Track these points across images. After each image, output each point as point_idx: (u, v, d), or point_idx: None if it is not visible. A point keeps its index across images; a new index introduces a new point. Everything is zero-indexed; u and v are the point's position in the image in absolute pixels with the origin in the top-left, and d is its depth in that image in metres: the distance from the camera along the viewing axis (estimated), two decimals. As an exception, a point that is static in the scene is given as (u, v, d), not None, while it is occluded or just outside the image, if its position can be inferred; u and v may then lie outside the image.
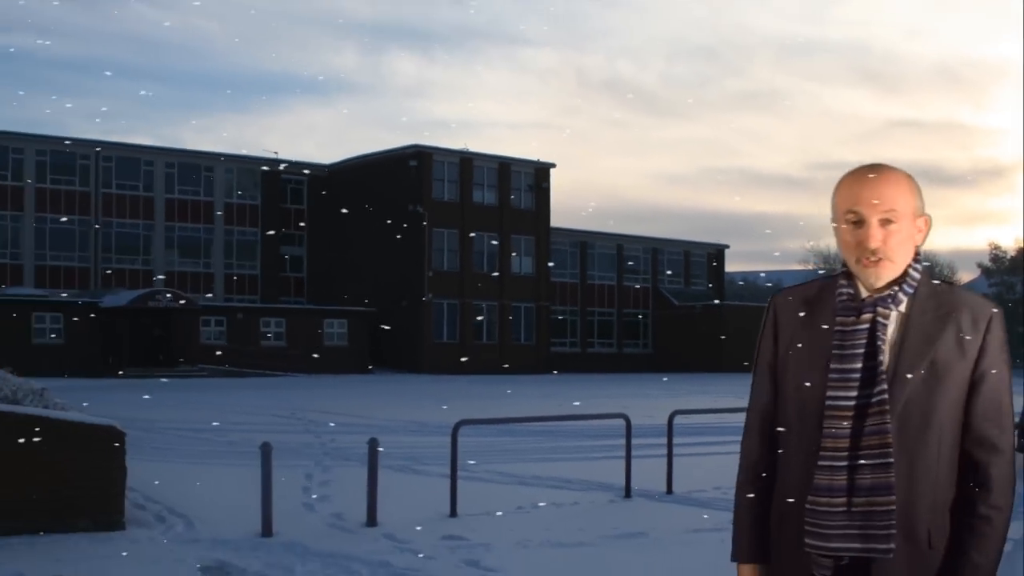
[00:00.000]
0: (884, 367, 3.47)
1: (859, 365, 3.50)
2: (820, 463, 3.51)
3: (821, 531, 3.48)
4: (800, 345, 3.65)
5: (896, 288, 3.54)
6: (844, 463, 3.47)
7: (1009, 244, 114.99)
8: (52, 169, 74.19)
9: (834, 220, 3.62)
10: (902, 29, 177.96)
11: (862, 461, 3.45)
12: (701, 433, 24.47)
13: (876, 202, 3.48)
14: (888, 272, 3.50)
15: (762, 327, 3.83)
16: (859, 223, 3.50)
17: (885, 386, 3.44)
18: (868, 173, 3.55)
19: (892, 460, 3.41)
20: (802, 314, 3.69)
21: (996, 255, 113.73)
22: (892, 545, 3.40)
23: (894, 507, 3.40)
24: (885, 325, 3.52)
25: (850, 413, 3.47)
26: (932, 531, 3.47)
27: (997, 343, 3.54)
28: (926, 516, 3.46)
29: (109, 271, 75.09)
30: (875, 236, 3.47)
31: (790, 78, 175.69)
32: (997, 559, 3.50)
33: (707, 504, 15.51)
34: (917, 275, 3.57)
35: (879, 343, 3.50)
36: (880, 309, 3.52)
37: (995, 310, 3.58)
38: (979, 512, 3.46)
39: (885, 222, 3.48)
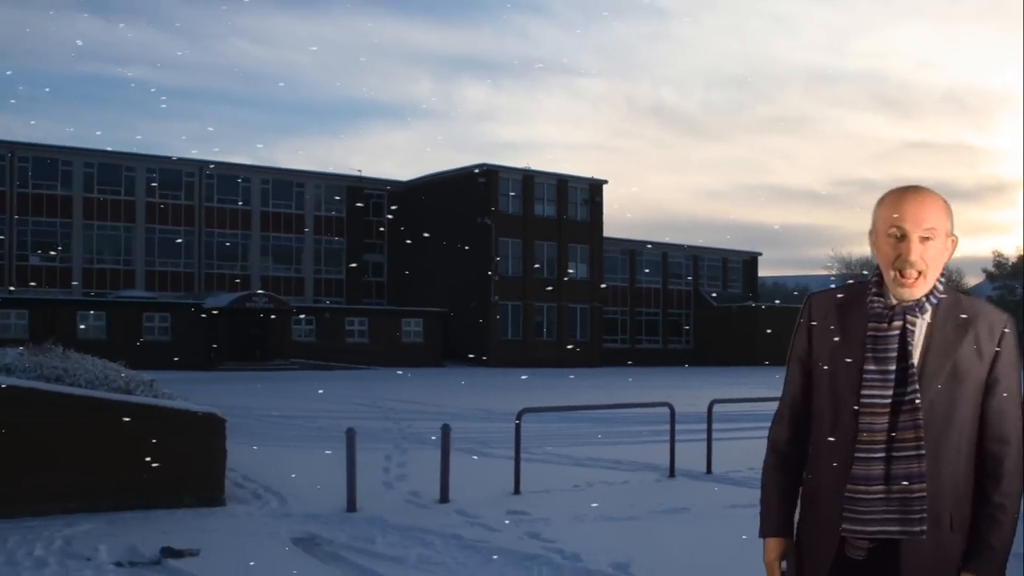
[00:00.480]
0: (915, 369, 3.52)
1: (893, 367, 3.55)
2: (857, 455, 3.57)
3: (859, 516, 3.55)
4: (834, 346, 3.70)
5: (923, 298, 3.59)
6: (881, 455, 3.54)
7: (1010, 252, 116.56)
8: (161, 185, 74.70)
9: (874, 232, 3.65)
10: (915, 61, 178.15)
11: (897, 453, 3.52)
12: (737, 420, 24.31)
13: (919, 219, 3.52)
14: (922, 286, 3.56)
15: (797, 323, 3.88)
16: (902, 238, 3.54)
17: (917, 386, 3.50)
18: (913, 193, 3.59)
19: (924, 452, 3.47)
20: (836, 316, 3.74)
21: (999, 262, 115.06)
22: (925, 527, 3.47)
23: (926, 493, 3.47)
24: (913, 331, 3.57)
25: (886, 411, 3.54)
26: (954, 516, 3.54)
27: (1010, 346, 3.59)
28: (949, 504, 3.53)
29: (211, 276, 75.65)
30: (915, 250, 3.51)
31: (815, 104, 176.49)
32: (1011, 540, 3.55)
33: (742, 483, 15.44)
34: (941, 287, 3.62)
35: (909, 347, 3.55)
36: (909, 317, 3.57)
37: (1008, 320, 3.63)
38: (994, 500, 3.53)
39: (924, 239, 3.53)
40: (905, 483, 3.49)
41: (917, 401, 3.49)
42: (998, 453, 3.55)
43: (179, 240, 75.23)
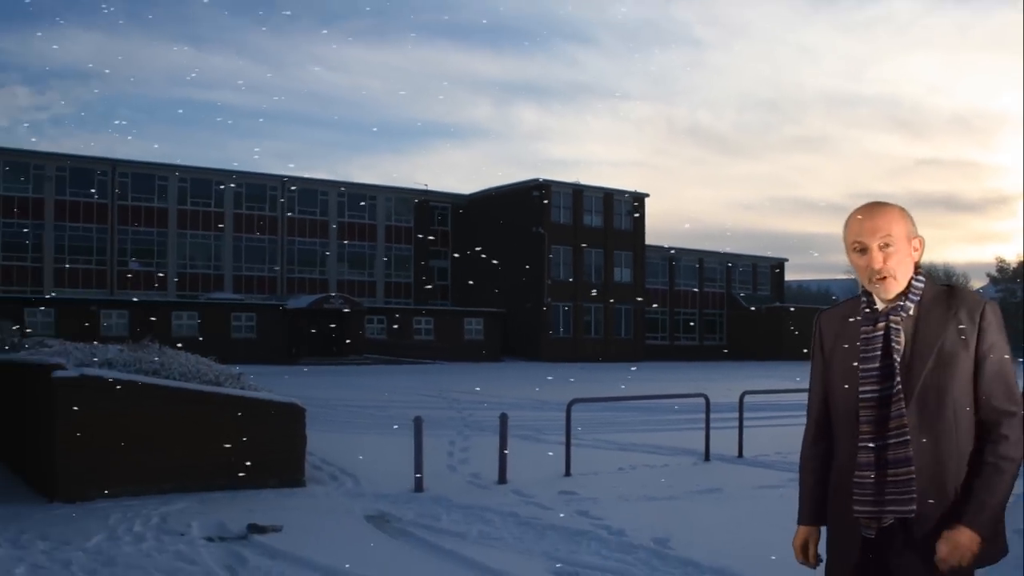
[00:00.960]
0: (898, 364, 3.62)
1: (877, 364, 3.67)
2: (859, 445, 3.68)
3: (864, 499, 3.65)
4: (838, 353, 3.84)
5: (904, 299, 3.70)
6: (872, 444, 3.64)
7: (1012, 258, 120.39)
8: (247, 198, 75.23)
9: (846, 251, 3.79)
10: (925, 86, 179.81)
11: (886, 441, 3.62)
12: (765, 409, 24.34)
13: (874, 231, 3.67)
14: (893, 287, 3.69)
15: (812, 342, 4.03)
16: (864, 251, 3.69)
17: (899, 379, 3.60)
18: (866, 209, 3.75)
19: (909, 438, 3.55)
20: (839, 327, 3.89)
21: (1001, 267, 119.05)
22: (914, 507, 3.55)
23: (913, 476, 3.55)
24: (898, 330, 3.66)
25: (875, 403, 3.65)
26: (959, 488, 3.56)
27: (992, 326, 3.63)
28: (953, 477, 3.57)
29: (292, 279, 76.08)
30: (877, 259, 3.66)
31: (836, 125, 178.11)
32: (1002, 502, 3.56)
33: (770, 466, 15.53)
34: (920, 285, 3.72)
35: (893, 344, 3.65)
36: (892, 317, 3.69)
37: (987, 301, 3.68)
38: (987, 460, 3.56)
39: (884, 246, 3.66)
40: (893, 468, 3.58)
41: (899, 393, 3.59)
42: (995, 421, 3.58)
43: (263, 247, 75.74)
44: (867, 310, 3.77)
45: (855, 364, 3.74)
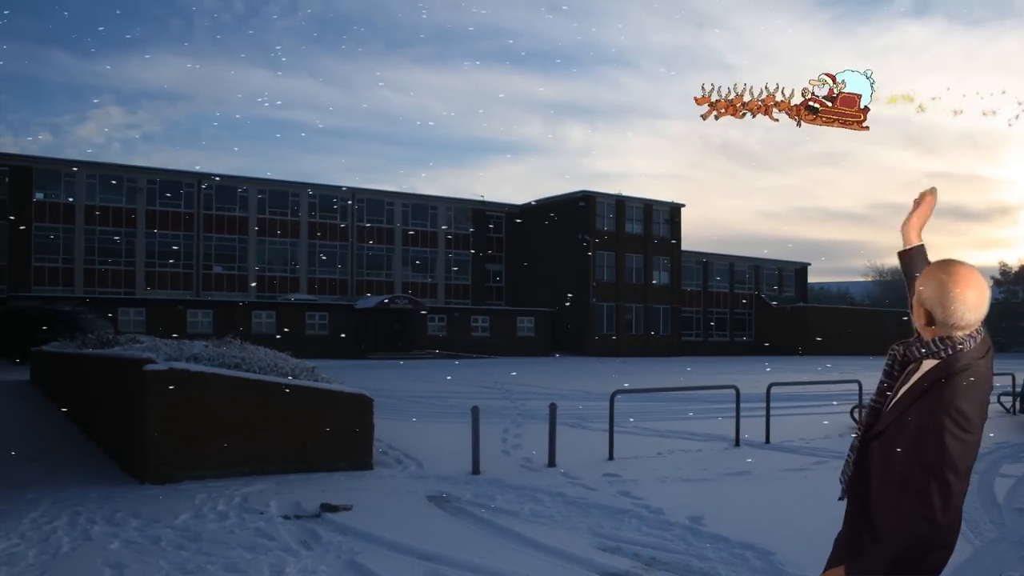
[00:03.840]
0: (880, 395, 3.60)
1: (881, 376, 3.64)
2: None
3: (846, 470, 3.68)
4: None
5: (918, 344, 3.47)
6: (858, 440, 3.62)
7: (1014, 262, 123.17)
8: (320, 208, 75.55)
9: None
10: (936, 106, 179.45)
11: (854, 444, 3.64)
12: (790, 400, 24.29)
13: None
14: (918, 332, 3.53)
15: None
16: None
17: (874, 404, 3.59)
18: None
19: (858, 446, 3.57)
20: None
21: (1004, 271, 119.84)
22: (844, 488, 3.61)
23: (853, 470, 3.55)
24: (896, 359, 3.58)
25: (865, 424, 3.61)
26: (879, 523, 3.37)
27: (942, 407, 3.23)
28: (882, 516, 3.35)
29: (361, 282, 76.42)
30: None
31: (855, 142, 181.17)
32: (889, 555, 3.20)
33: (795, 451, 15.53)
34: (938, 349, 3.37)
35: (895, 370, 3.58)
36: (913, 348, 3.50)
37: (945, 377, 3.30)
38: (899, 512, 3.22)
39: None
40: (847, 458, 3.62)
41: (878, 406, 3.56)
42: (910, 485, 3.22)
43: (335, 252, 76.11)
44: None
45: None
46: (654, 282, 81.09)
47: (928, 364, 3.40)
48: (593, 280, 76.59)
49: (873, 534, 3.36)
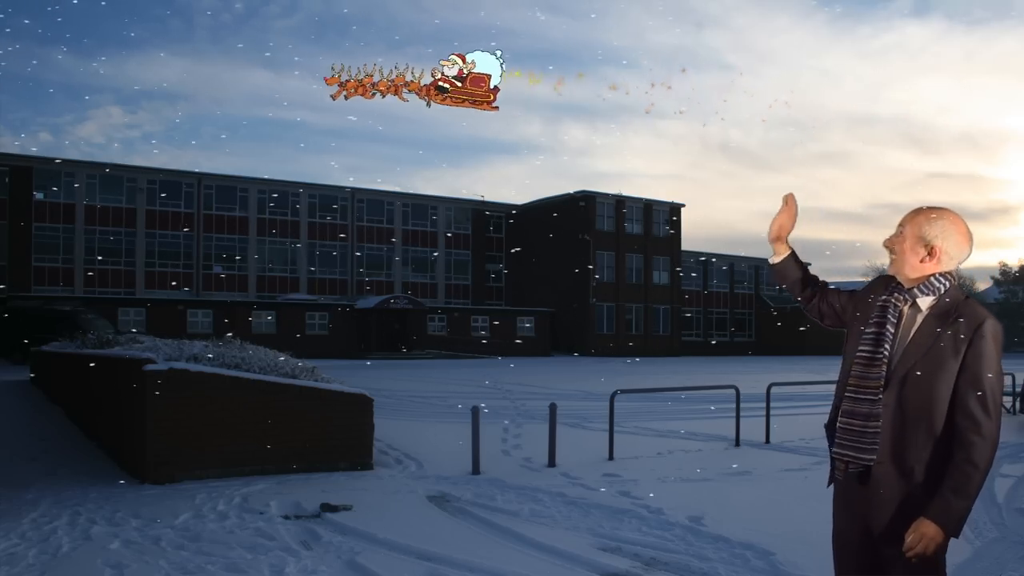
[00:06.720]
0: (889, 334, 3.68)
1: (872, 329, 3.74)
2: (845, 395, 3.76)
3: (839, 442, 3.76)
4: (857, 322, 3.91)
5: (914, 287, 3.75)
6: (852, 396, 3.71)
7: (1014, 262, 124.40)
8: (320, 208, 75.63)
9: None
10: (936, 107, 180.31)
11: (862, 396, 3.67)
12: (790, 399, 24.40)
13: (899, 222, 3.84)
14: (893, 264, 3.82)
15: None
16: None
17: (886, 346, 3.67)
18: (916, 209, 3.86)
19: (880, 398, 3.61)
20: (863, 301, 3.99)
21: (1004, 270, 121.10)
22: (874, 457, 3.61)
23: (879, 431, 3.60)
24: (899, 308, 3.73)
25: (864, 362, 3.71)
26: (916, 467, 3.56)
27: (984, 340, 3.58)
28: (915, 452, 3.56)
29: (361, 281, 76.43)
30: (887, 236, 3.86)
31: (855, 142, 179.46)
32: (969, 503, 3.51)
33: (795, 451, 15.52)
34: (939, 284, 3.72)
35: (890, 316, 3.71)
36: (895, 294, 3.76)
37: (988, 317, 3.63)
38: (957, 463, 3.52)
39: (897, 233, 3.80)
40: (861, 420, 3.64)
41: (882, 358, 3.65)
42: (966, 427, 3.53)
43: (335, 252, 76.14)
44: (893, 284, 3.81)
45: (862, 328, 3.80)
46: (654, 282, 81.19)
47: (925, 302, 3.72)
48: (593, 280, 76.63)
49: (961, 463, 3.53)
